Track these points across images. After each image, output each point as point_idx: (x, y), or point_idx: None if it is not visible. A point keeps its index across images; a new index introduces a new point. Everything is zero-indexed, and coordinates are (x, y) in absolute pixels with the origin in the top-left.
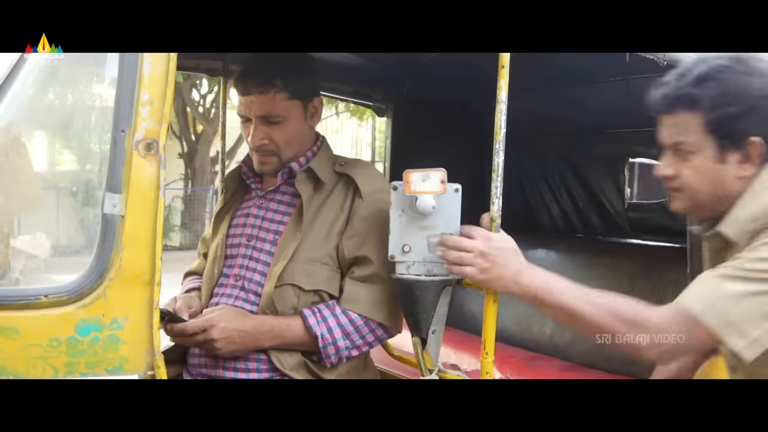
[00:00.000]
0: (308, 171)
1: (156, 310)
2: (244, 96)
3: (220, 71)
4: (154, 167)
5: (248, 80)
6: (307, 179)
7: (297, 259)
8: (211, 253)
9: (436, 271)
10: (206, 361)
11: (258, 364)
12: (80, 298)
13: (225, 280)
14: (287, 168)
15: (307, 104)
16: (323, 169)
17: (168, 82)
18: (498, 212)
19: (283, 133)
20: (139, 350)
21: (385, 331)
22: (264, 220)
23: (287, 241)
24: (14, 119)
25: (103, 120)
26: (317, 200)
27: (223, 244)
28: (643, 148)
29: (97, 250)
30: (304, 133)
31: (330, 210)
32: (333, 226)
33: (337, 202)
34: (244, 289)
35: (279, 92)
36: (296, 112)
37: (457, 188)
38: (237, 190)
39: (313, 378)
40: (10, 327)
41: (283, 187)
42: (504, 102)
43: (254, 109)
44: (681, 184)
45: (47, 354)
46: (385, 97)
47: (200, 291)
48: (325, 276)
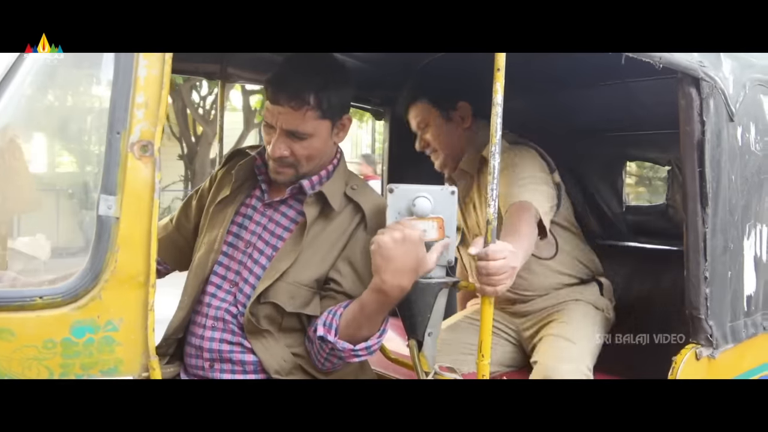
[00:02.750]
0: (318, 195)
1: (151, 311)
2: (273, 105)
3: (218, 74)
4: (149, 169)
5: (281, 90)
6: (315, 202)
7: (285, 279)
8: (206, 244)
9: (433, 273)
10: (202, 363)
11: (255, 366)
12: (75, 299)
13: (221, 282)
14: (298, 185)
15: (336, 122)
16: (334, 194)
17: (163, 84)
18: (494, 215)
19: (306, 150)
20: (134, 352)
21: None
22: (265, 230)
23: (280, 260)
24: (11, 121)
25: (98, 122)
26: (321, 223)
27: (221, 239)
28: (639, 151)
29: (92, 251)
30: (327, 150)
31: (332, 233)
32: (332, 249)
33: (342, 226)
34: (236, 297)
35: (310, 110)
36: (323, 131)
37: (454, 191)
38: (245, 181)
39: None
40: (4, 328)
41: (290, 201)
42: (500, 105)
43: (281, 121)
44: None
45: (42, 355)
46: (383, 100)
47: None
48: (308, 299)
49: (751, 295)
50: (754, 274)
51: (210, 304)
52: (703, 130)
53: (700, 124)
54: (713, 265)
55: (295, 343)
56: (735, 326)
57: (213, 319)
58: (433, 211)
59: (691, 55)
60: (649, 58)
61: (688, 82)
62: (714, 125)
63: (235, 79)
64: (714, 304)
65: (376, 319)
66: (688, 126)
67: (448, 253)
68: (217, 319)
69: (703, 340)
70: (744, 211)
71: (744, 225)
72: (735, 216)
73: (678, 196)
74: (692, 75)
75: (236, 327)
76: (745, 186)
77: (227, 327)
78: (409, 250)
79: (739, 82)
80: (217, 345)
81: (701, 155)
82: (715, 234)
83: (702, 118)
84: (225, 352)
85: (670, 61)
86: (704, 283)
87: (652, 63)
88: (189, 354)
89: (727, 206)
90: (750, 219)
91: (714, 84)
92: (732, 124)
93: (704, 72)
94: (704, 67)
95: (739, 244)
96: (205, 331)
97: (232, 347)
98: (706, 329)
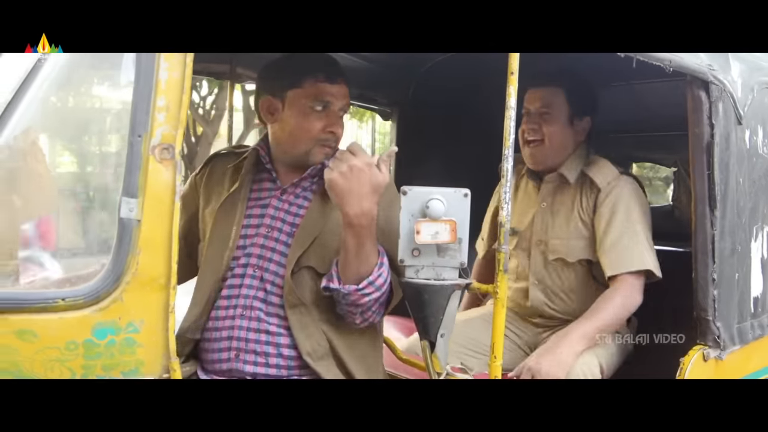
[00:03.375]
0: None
1: (172, 313)
2: (332, 84)
3: (228, 75)
4: (170, 172)
5: (337, 69)
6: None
7: (316, 244)
8: (218, 240)
9: (446, 275)
10: (228, 355)
11: (278, 359)
12: (97, 301)
13: (244, 270)
14: (321, 165)
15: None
16: None
17: (184, 87)
18: (507, 217)
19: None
20: (155, 353)
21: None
22: (287, 213)
23: (307, 227)
24: (32, 124)
25: (118, 124)
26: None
27: (236, 233)
28: (645, 152)
29: (113, 254)
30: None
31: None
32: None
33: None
34: (263, 280)
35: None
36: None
37: (467, 193)
38: (245, 175)
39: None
40: (27, 330)
41: (304, 182)
42: (513, 108)
43: (340, 99)
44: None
45: (64, 357)
46: (391, 100)
47: None
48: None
49: (758, 296)
50: (761, 275)
51: (239, 295)
52: (712, 133)
53: (710, 127)
54: (721, 267)
55: (329, 320)
56: (742, 328)
57: (242, 308)
58: (446, 214)
59: (700, 58)
60: (659, 61)
61: (698, 85)
62: (723, 128)
63: (244, 78)
64: (721, 305)
65: (364, 254)
66: (697, 129)
67: (460, 255)
68: (246, 308)
69: (710, 342)
70: (751, 214)
71: (751, 227)
72: (743, 218)
73: (684, 198)
74: (701, 78)
75: (263, 313)
76: (753, 188)
77: (254, 314)
78: (359, 177)
79: (748, 85)
80: (244, 333)
81: (710, 158)
82: (723, 236)
83: (711, 121)
84: (251, 342)
85: (680, 64)
86: (712, 285)
87: (662, 66)
88: (210, 349)
89: (735, 209)
90: (757, 221)
91: (723, 87)
92: (740, 127)
93: (713, 75)
94: (713, 70)
95: (747, 246)
96: (234, 321)
97: (258, 335)
98: (714, 331)
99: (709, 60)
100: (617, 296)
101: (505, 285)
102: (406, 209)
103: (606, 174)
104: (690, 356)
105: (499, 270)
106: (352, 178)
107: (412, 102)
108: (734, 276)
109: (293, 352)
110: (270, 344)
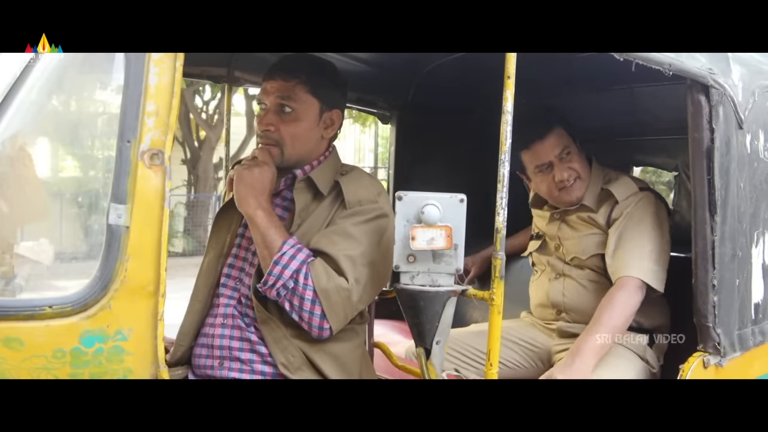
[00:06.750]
0: (307, 180)
1: (160, 321)
2: (267, 81)
3: (225, 78)
4: (159, 178)
5: (276, 67)
6: (305, 188)
7: None
8: (214, 249)
9: (441, 281)
10: (212, 362)
11: (263, 366)
12: (84, 309)
13: (226, 280)
14: (291, 174)
15: (324, 110)
16: (323, 179)
17: (174, 92)
18: (503, 223)
19: (290, 127)
20: (144, 361)
21: (321, 324)
22: None
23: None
24: (20, 129)
25: (108, 129)
26: (313, 206)
27: (230, 243)
28: (646, 156)
29: (101, 260)
30: (313, 139)
31: (317, 218)
32: (319, 230)
33: (326, 210)
34: (240, 292)
35: (300, 84)
36: (311, 112)
37: (462, 198)
38: None
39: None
40: (14, 338)
41: (285, 192)
42: (510, 112)
43: (272, 95)
44: None
45: (51, 365)
46: (390, 104)
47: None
48: None
49: (758, 302)
50: (762, 281)
51: (219, 304)
52: (712, 138)
53: (710, 132)
54: (721, 272)
55: (302, 334)
56: (742, 334)
57: (222, 316)
58: (441, 219)
59: (700, 62)
60: (659, 64)
61: (698, 89)
62: (723, 133)
63: (242, 82)
64: (722, 311)
65: (270, 240)
66: (698, 133)
67: (456, 261)
68: (226, 316)
69: (710, 348)
70: (752, 219)
71: (752, 233)
72: (743, 224)
73: (684, 202)
74: (702, 82)
75: (242, 322)
76: (754, 193)
77: (235, 323)
78: (245, 180)
79: (748, 90)
80: (227, 342)
81: (710, 163)
82: (723, 241)
83: (711, 126)
84: (234, 350)
85: (680, 68)
86: (712, 291)
87: (662, 70)
88: (199, 355)
89: (736, 214)
90: (758, 226)
91: (723, 91)
92: (741, 132)
93: (713, 79)
94: (714, 74)
95: (747, 252)
96: (215, 329)
97: (242, 344)
98: (714, 337)
99: (710, 63)
100: (615, 299)
101: (501, 291)
102: (401, 215)
103: (626, 189)
104: (690, 363)
105: (495, 276)
106: (240, 183)
107: (411, 105)
108: (735, 282)
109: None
110: (254, 352)
